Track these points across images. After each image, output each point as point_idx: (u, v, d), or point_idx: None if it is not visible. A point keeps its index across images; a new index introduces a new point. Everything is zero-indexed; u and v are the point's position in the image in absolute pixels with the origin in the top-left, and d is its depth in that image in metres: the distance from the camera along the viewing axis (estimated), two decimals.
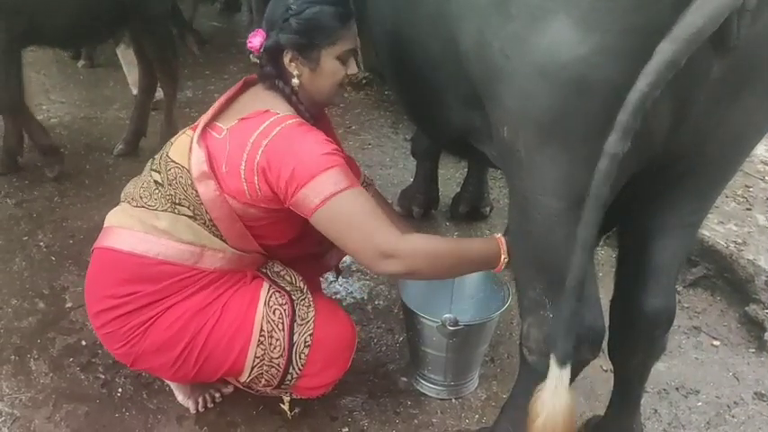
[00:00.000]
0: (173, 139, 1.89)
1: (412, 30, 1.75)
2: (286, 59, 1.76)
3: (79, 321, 2.43)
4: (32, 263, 2.76)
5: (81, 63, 4.87)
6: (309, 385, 1.91)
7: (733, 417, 2.19)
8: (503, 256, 1.71)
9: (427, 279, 2.03)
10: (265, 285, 1.87)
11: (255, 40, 1.77)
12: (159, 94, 3.85)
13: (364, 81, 4.11)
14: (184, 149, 1.78)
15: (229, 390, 2.15)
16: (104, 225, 1.90)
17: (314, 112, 1.85)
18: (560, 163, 1.33)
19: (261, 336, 1.81)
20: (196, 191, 1.73)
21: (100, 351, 2.29)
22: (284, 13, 1.73)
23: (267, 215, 1.76)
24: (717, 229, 2.78)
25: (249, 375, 1.86)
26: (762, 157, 3.42)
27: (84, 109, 4.18)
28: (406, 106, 2.24)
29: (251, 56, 1.85)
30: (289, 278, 1.92)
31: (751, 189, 3.10)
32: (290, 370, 1.85)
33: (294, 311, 1.84)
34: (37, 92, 3.30)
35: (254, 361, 1.83)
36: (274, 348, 1.82)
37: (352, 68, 1.82)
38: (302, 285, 1.91)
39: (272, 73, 1.79)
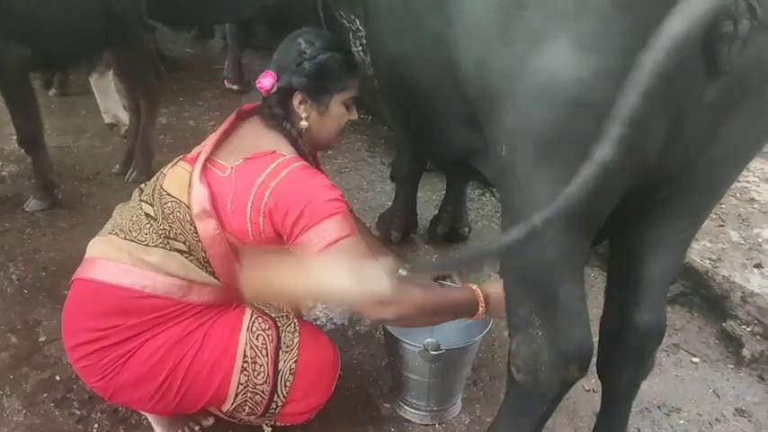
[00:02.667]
0: (165, 170, 1.86)
1: (413, 51, 1.80)
2: (295, 102, 1.82)
3: (53, 356, 2.37)
4: (4, 296, 2.68)
5: (52, 92, 4.81)
6: (294, 411, 1.88)
7: None
8: (480, 308, 1.84)
9: (409, 326, 2.05)
10: (248, 311, 1.85)
11: (266, 81, 1.81)
12: (124, 118, 3.82)
13: None
14: (182, 183, 1.76)
15: (210, 422, 2.10)
16: (86, 256, 1.85)
17: (314, 155, 1.92)
18: (556, 182, 1.33)
19: (244, 362, 1.78)
20: (195, 227, 1.71)
21: (75, 386, 2.23)
22: (298, 56, 1.79)
23: None
24: (692, 245, 2.81)
25: (233, 403, 1.82)
26: None
27: (57, 138, 4.12)
28: (406, 128, 2.27)
29: (225, 82, 1.88)
30: (275, 304, 1.89)
31: (723, 206, 3.15)
32: (275, 398, 1.82)
33: (279, 338, 1.82)
34: (7, 121, 3.25)
35: (237, 388, 1.79)
36: (258, 375, 1.79)
37: (354, 114, 1.92)
38: (288, 311, 1.89)
39: (279, 114, 1.82)
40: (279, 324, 1.84)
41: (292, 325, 1.86)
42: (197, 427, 2.08)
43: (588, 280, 2.87)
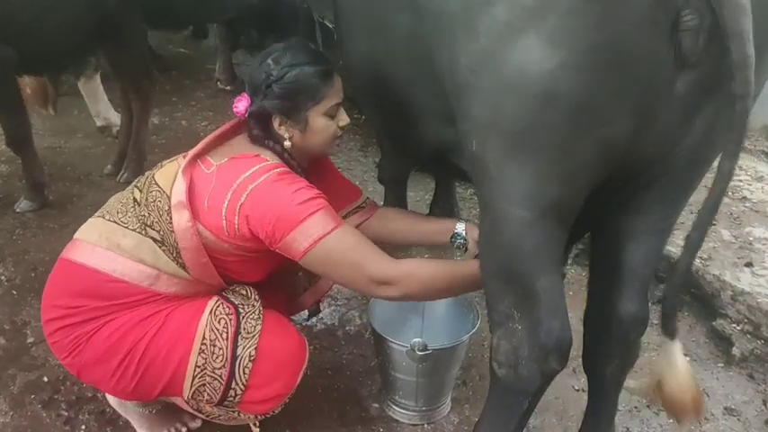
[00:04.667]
0: (164, 162, 1.90)
1: (387, 50, 1.79)
2: (275, 123, 1.80)
3: (41, 357, 2.37)
4: None
5: None
6: (254, 399, 1.83)
7: None
8: None
9: (423, 300, 2.14)
10: (214, 298, 1.84)
11: (240, 105, 1.80)
12: (115, 120, 3.80)
13: None
14: (171, 176, 1.79)
15: (197, 424, 2.10)
16: (73, 237, 1.90)
17: (306, 165, 1.90)
18: (528, 174, 1.36)
19: (203, 344, 1.77)
20: (170, 218, 1.73)
21: (62, 387, 2.23)
22: (266, 79, 1.76)
23: (238, 252, 1.77)
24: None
25: (191, 388, 1.79)
26: None
27: (48, 138, 4.11)
28: (381, 126, 2.26)
29: (218, 83, 1.88)
30: (244, 292, 1.89)
31: None
32: (233, 384, 1.79)
33: (239, 323, 1.81)
34: None
35: (194, 371, 1.77)
36: (216, 358, 1.78)
37: (344, 120, 1.86)
38: (256, 300, 1.87)
39: (260, 136, 1.82)
40: (240, 310, 1.83)
41: (256, 312, 1.84)
42: (183, 429, 2.08)
43: (578, 278, 2.87)
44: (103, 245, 1.79)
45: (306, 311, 2.34)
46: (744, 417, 2.26)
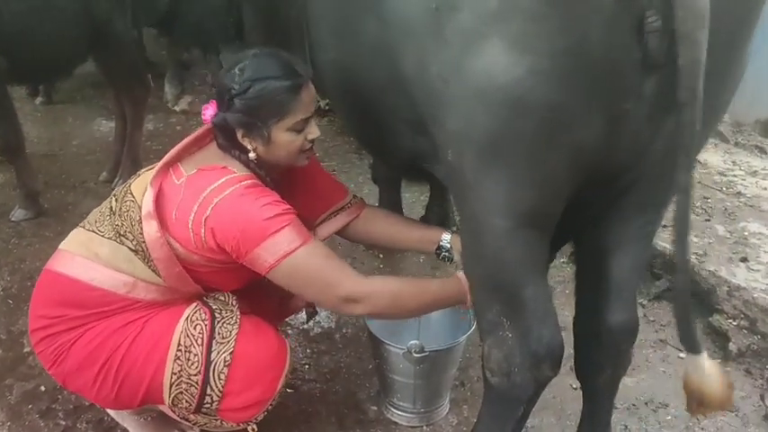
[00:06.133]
0: (142, 171, 1.89)
1: (355, 57, 1.75)
2: (239, 135, 1.73)
3: (38, 366, 2.35)
4: None
5: (39, 100, 4.81)
6: (233, 406, 1.81)
7: (702, 429, 2.19)
8: (469, 296, 1.75)
9: (393, 318, 2.10)
10: (192, 304, 1.83)
11: (208, 113, 1.75)
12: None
13: (327, 108, 4.12)
14: (145, 185, 1.77)
15: (195, 431, 2.09)
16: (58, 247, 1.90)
17: (276, 176, 1.83)
18: (505, 183, 1.35)
19: (178, 350, 1.77)
20: (141, 228, 1.72)
21: (60, 396, 2.23)
22: (228, 91, 1.68)
23: (209, 263, 1.75)
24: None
25: (170, 396, 1.79)
26: (719, 168, 3.50)
27: (43, 146, 4.11)
28: (354, 132, 2.24)
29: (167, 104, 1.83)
30: (223, 298, 1.87)
31: (709, 200, 3.16)
32: (209, 390, 1.78)
33: (213, 328, 1.79)
34: None
35: (171, 377, 1.77)
36: (192, 364, 1.77)
37: (312, 133, 1.78)
38: (233, 305, 1.86)
39: (225, 145, 1.77)
40: (216, 315, 1.81)
41: (233, 318, 1.83)
42: None
43: (564, 277, 2.87)
44: (83, 254, 1.79)
45: (304, 315, 2.33)
46: (741, 412, 2.26)
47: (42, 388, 2.28)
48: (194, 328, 1.78)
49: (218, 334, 1.79)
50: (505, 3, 1.19)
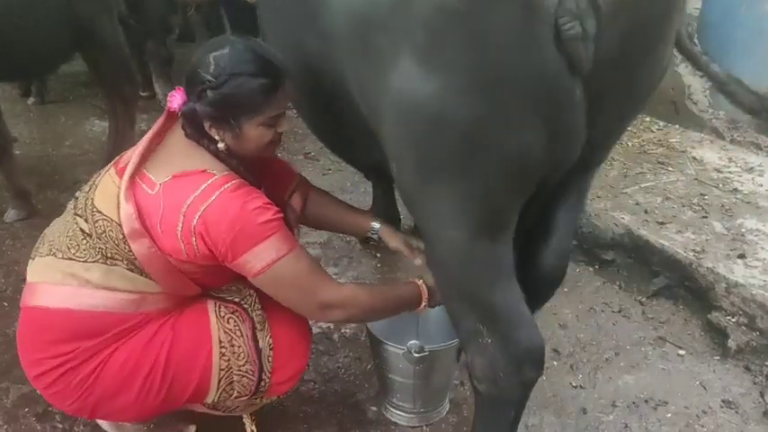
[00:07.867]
0: (96, 181, 1.77)
1: (305, 72, 1.71)
2: (206, 125, 1.66)
3: None
4: None
5: (31, 100, 4.78)
6: (278, 380, 1.86)
7: (702, 426, 2.19)
8: (423, 302, 1.88)
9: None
10: (210, 301, 1.82)
11: (175, 101, 1.66)
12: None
13: None
14: (112, 200, 1.66)
15: (191, 430, 2.08)
16: (28, 280, 1.79)
17: (247, 164, 1.75)
18: (446, 197, 1.34)
19: (222, 348, 1.76)
20: (129, 247, 1.65)
21: None
22: (201, 82, 1.60)
23: (204, 269, 1.71)
24: (675, 238, 2.82)
25: (217, 391, 1.78)
26: (715, 165, 3.49)
27: (36, 147, 4.09)
28: (319, 138, 2.24)
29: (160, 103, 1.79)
30: (234, 288, 1.86)
31: (706, 197, 3.15)
32: (263, 376, 1.82)
33: (252, 319, 1.82)
34: None
35: (219, 374, 1.77)
36: (239, 357, 1.78)
37: (282, 127, 1.72)
38: (247, 290, 1.85)
39: (194, 135, 1.70)
40: (245, 305, 1.83)
41: (255, 302, 1.84)
42: None
43: (573, 275, 2.87)
44: (73, 284, 1.69)
45: None
46: (741, 409, 2.26)
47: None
48: (227, 322, 1.79)
49: (257, 322, 1.82)
50: (412, 20, 1.17)
